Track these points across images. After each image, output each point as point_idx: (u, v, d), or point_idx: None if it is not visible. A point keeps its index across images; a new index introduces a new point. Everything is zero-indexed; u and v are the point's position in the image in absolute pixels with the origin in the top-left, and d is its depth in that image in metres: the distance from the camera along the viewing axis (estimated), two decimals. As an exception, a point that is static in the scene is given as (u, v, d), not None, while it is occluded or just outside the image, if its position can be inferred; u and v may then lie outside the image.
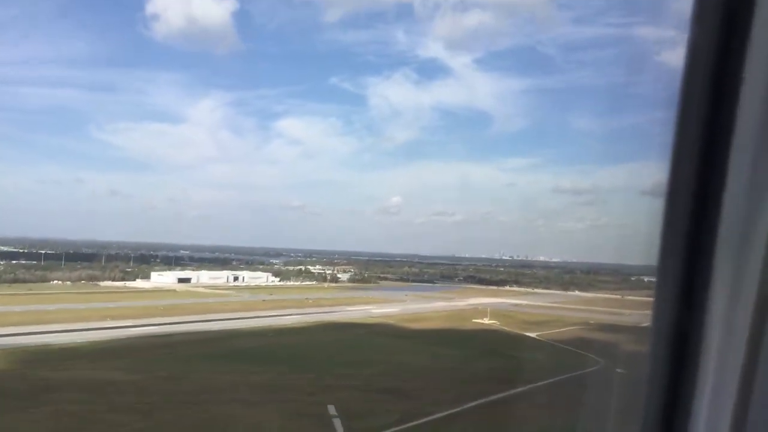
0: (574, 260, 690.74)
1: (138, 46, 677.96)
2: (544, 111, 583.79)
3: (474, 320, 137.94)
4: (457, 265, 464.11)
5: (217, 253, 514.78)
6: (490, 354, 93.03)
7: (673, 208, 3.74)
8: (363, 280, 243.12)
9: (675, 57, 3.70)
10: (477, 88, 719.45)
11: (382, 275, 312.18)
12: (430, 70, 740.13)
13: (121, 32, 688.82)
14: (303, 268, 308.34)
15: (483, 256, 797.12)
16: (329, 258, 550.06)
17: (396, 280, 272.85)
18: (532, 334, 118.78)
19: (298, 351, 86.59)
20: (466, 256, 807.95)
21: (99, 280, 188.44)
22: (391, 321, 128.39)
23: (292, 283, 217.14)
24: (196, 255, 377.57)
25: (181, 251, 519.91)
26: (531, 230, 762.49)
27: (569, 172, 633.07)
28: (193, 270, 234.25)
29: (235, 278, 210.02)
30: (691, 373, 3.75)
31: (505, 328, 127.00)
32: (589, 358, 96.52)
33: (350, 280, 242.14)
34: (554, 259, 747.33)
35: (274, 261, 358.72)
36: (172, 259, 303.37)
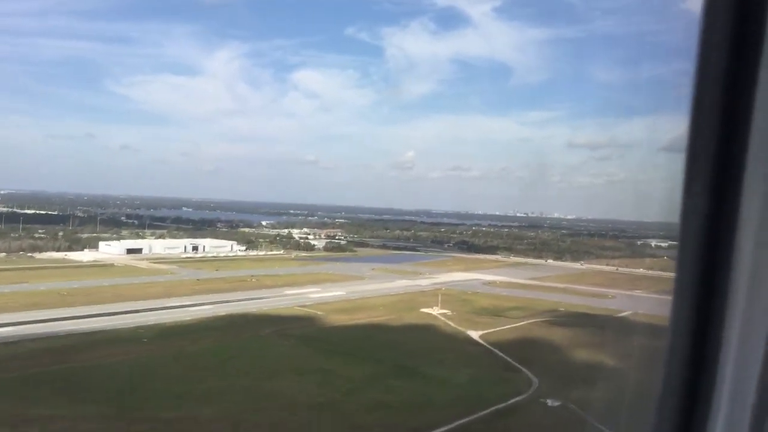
0: (590, 217, 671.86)
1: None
2: (566, 62, 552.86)
3: (422, 309, 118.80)
4: (461, 225, 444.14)
5: (217, 212, 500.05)
6: (396, 374, 74.06)
7: (694, 165, 3.56)
8: (339, 249, 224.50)
9: (697, 5, 3.59)
10: (496, 38, 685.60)
11: (371, 238, 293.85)
12: (448, 19, 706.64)
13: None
14: (287, 231, 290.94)
15: (497, 213, 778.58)
16: (331, 215, 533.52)
17: (378, 246, 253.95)
18: (475, 334, 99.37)
19: (136, 371, 68.10)
20: (479, 212, 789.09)
21: (42, 250, 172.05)
22: (320, 312, 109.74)
23: (256, 253, 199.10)
24: (185, 215, 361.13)
25: (184, 208, 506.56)
26: (547, 186, 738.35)
27: (589, 125, 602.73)
28: (155, 237, 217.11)
29: (194, 248, 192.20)
30: (711, 368, 3.60)
31: (450, 324, 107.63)
32: (522, 379, 77.68)
33: (326, 248, 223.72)
34: (569, 216, 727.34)
35: (265, 222, 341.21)
36: (146, 221, 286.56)
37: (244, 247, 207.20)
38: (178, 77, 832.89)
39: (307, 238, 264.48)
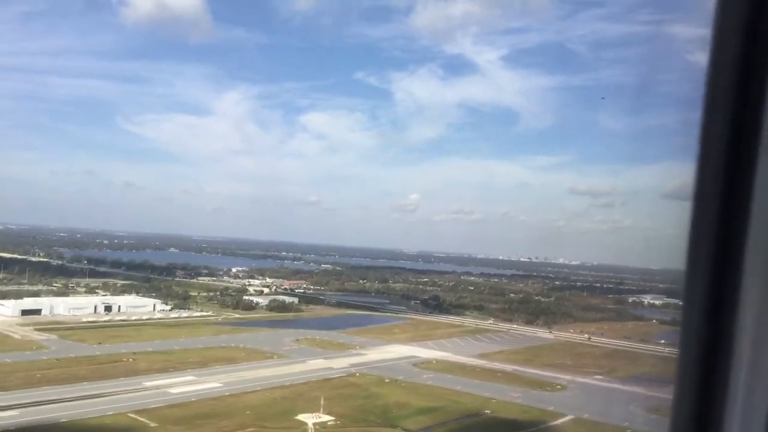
0: (594, 263, 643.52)
1: (165, 39, 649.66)
2: (572, 109, 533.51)
3: (299, 416, 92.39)
4: (448, 273, 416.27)
5: (203, 254, 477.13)
6: None
7: (700, 211, 3.56)
8: (283, 308, 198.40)
9: (705, 56, 3.56)
10: (503, 85, 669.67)
11: (337, 292, 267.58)
12: (455, 67, 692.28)
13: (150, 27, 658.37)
14: (246, 282, 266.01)
15: (501, 257, 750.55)
16: (323, 257, 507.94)
17: (334, 305, 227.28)
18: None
19: None
20: (481, 257, 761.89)
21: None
22: (153, 424, 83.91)
23: (178, 315, 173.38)
24: (158, 259, 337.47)
25: (172, 249, 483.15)
26: (552, 231, 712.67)
27: (594, 171, 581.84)
28: (85, 291, 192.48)
29: (107, 308, 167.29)
30: (722, 384, 3.55)
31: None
32: None
33: (269, 307, 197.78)
34: (573, 262, 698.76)
35: (236, 269, 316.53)
36: (95, 269, 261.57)
37: (169, 306, 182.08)
38: (188, 117, 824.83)
39: (262, 291, 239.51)
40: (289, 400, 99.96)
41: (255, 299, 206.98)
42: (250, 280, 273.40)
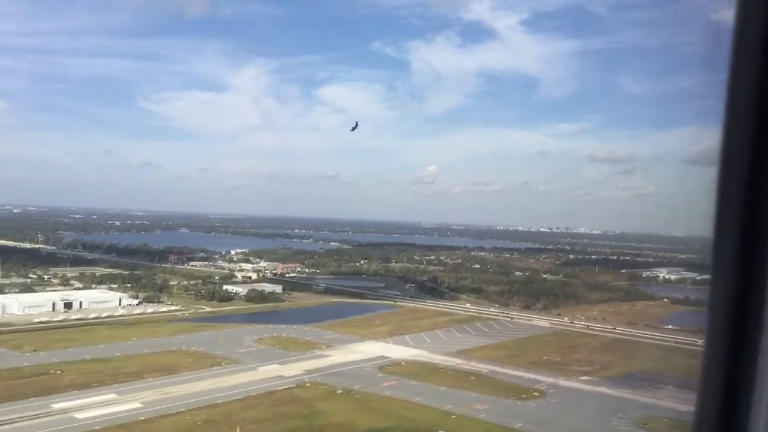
0: (617, 231, 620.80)
1: (179, 15, 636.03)
2: (593, 74, 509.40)
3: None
4: (460, 248, 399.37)
5: (212, 234, 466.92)
6: None
7: (726, 177, 3.42)
8: (262, 299, 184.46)
9: (726, 16, 3.43)
10: (523, 51, 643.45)
11: (332, 275, 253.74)
12: (474, 33, 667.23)
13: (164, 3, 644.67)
14: (239, 267, 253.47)
15: (520, 228, 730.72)
16: (335, 234, 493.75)
17: (321, 292, 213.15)
18: None
19: None
20: (500, 228, 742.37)
21: None
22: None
23: (143, 310, 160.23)
24: (161, 241, 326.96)
25: (183, 229, 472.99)
26: (572, 200, 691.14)
27: (615, 137, 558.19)
28: (37, 289, 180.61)
29: (67, 305, 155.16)
30: (749, 375, 3.44)
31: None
32: None
33: (247, 298, 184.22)
34: (594, 231, 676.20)
35: (235, 251, 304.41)
36: (83, 255, 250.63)
37: (137, 301, 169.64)
38: (205, 93, 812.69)
39: (250, 278, 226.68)
40: (209, 426, 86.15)
41: (235, 289, 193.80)
42: (242, 264, 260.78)
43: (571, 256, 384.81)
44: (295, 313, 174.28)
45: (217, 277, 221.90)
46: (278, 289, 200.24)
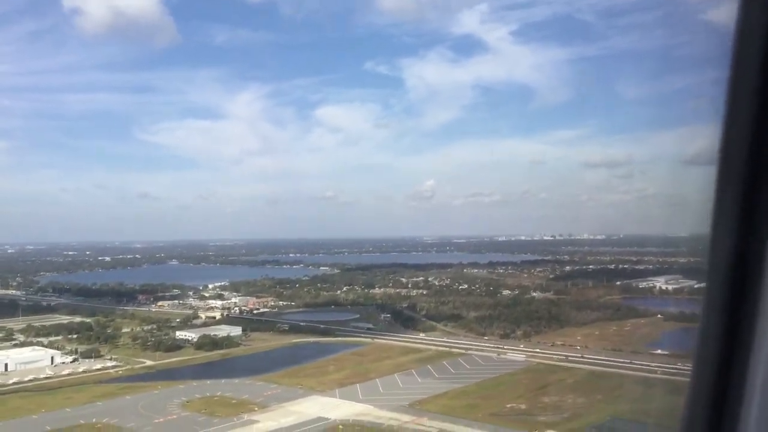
0: (621, 235, 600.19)
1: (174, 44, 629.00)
2: (586, 80, 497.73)
3: None
4: (448, 267, 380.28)
5: (202, 264, 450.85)
6: None
7: (726, 176, 3.35)
8: (213, 345, 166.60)
9: (719, 15, 3.31)
10: (515, 61, 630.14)
11: (304, 308, 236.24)
12: (465, 47, 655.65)
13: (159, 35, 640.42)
14: (205, 304, 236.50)
15: (522, 237, 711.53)
16: (331, 254, 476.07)
17: (284, 331, 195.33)
18: None
19: None
20: (502, 239, 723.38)
21: None
22: None
23: (68, 372, 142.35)
24: (137, 278, 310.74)
25: (173, 261, 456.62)
26: (574, 206, 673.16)
27: (614, 142, 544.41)
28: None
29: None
30: (740, 373, 3.40)
31: None
32: None
33: (198, 345, 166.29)
34: (598, 236, 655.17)
35: (213, 285, 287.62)
36: (51, 298, 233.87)
37: (71, 358, 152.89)
38: (202, 122, 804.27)
39: (214, 318, 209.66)
40: None
41: (188, 335, 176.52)
42: (213, 301, 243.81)
43: (567, 268, 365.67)
44: (246, 360, 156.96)
45: (178, 320, 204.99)
46: (236, 331, 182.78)
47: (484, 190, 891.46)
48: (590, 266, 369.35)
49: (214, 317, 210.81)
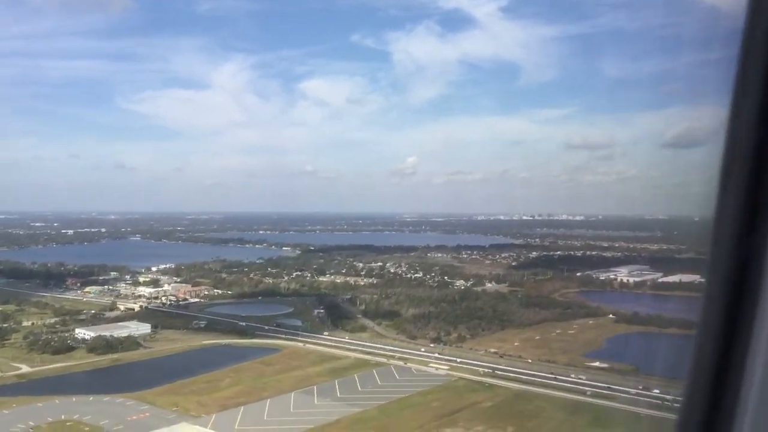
0: (600, 216, 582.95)
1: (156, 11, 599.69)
2: (575, 58, 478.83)
3: None
4: (411, 251, 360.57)
5: (163, 241, 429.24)
6: None
7: (731, 158, 3.23)
8: (108, 347, 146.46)
9: None
10: (503, 38, 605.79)
11: (241, 298, 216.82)
12: (453, 22, 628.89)
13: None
14: (135, 292, 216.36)
15: (502, 217, 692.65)
16: (303, 234, 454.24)
17: (200, 329, 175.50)
18: None
19: None
20: (481, 218, 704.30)
21: None
22: None
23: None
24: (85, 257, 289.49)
25: (136, 236, 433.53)
26: (554, 186, 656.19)
27: (599, 122, 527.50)
28: None
29: None
30: (738, 367, 3.29)
31: None
32: None
33: (89, 347, 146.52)
34: (577, 217, 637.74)
35: (156, 268, 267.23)
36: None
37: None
38: (186, 91, 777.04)
39: (133, 310, 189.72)
40: None
41: (85, 334, 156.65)
42: (142, 288, 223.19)
43: (533, 254, 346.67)
44: (136, 369, 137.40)
45: (92, 312, 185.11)
46: (144, 329, 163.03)
47: (465, 168, 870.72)
48: (558, 252, 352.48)
49: (133, 309, 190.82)
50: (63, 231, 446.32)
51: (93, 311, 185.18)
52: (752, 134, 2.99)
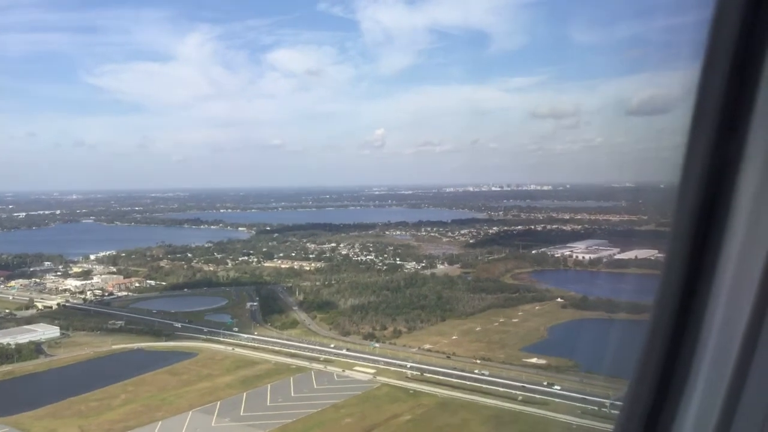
0: (568, 185, 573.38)
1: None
2: (545, 25, 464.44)
3: None
4: (378, 225, 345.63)
5: (115, 224, 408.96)
6: None
7: (698, 125, 3.20)
8: (5, 357, 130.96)
9: None
10: (474, 4, 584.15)
11: (154, 294, 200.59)
12: None
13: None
14: (60, 286, 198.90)
15: (470, 188, 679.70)
16: (266, 206, 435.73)
17: (116, 329, 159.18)
18: None
19: None
20: (450, 189, 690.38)
21: None
22: None
23: None
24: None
25: (90, 219, 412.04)
26: (523, 155, 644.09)
27: (570, 89, 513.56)
28: None
29: None
30: (684, 364, 3.26)
31: None
32: None
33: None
34: (545, 187, 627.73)
35: (95, 255, 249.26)
36: None
37: None
38: (151, 64, 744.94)
39: (50, 308, 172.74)
40: None
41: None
42: (69, 281, 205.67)
43: (493, 230, 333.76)
44: (30, 383, 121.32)
45: (6, 310, 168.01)
46: (52, 332, 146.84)
47: (435, 139, 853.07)
48: (518, 227, 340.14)
49: (51, 307, 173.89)
50: (15, 214, 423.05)
51: (7, 310, 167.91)
52: (720, 100, 2.96)
